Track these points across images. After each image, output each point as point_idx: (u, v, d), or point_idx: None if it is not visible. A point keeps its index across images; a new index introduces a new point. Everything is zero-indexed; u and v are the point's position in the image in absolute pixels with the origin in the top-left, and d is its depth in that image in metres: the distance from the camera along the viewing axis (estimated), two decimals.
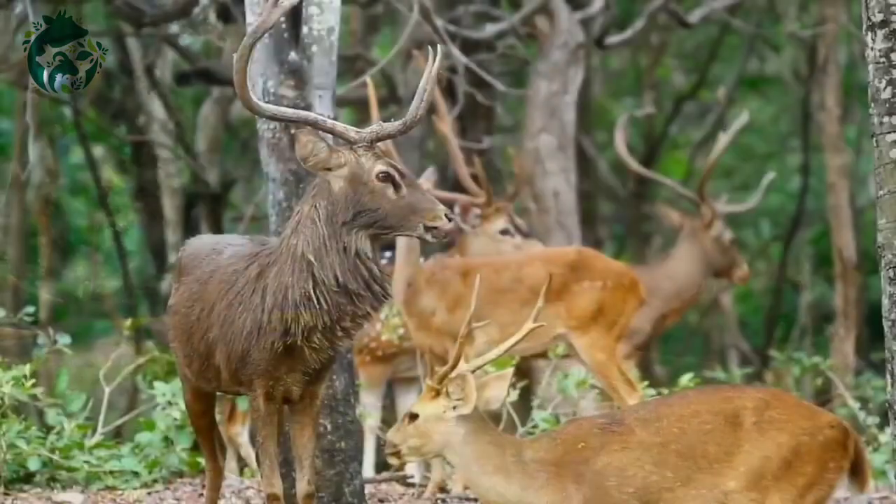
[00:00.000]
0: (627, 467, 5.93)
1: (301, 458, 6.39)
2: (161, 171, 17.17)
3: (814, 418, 5.96)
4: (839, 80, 14.52)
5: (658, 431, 5.95)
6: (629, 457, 5.94)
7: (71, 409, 9.22)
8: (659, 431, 5.95)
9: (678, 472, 5.91)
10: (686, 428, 5.93)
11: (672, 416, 5.96)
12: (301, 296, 6.15)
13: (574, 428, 6.09)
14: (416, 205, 6.17)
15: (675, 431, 5.94)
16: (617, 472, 5.93)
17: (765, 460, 5.87)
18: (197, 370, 6.52)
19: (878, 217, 5.96)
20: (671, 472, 5.92)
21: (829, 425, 5.95)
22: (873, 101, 5.93)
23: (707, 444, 5.91)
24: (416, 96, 6.18)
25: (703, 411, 5.95)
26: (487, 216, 9.97)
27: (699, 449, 5.90)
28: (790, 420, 5.91)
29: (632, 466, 5.93)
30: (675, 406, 6.01)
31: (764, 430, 5.89)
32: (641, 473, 5.92)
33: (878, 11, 5.88)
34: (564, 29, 12.31)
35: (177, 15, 12.99)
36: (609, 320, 8.95)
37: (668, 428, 5.95)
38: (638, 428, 5.97)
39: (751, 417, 5.91)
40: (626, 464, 5.93)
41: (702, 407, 5.97)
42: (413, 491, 8.98)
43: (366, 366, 10.04)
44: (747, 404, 5.94)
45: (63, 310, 20.88)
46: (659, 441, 5.93)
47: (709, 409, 5.95)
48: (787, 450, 5.88)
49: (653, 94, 18.76)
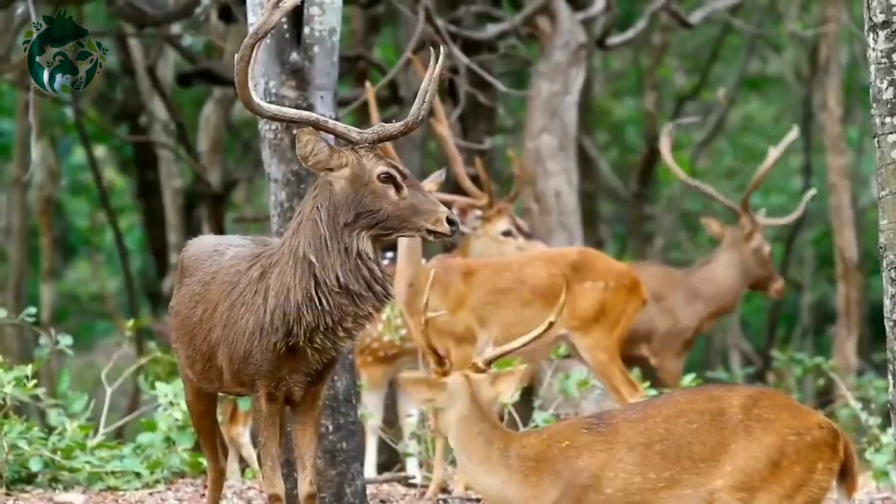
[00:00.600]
0: (608, 468, 5.93)
1: (303, 458, 6.38)
2: (162, 171, 17.18)
3: (802, 418, 5.91)
4: (840, 81, 14.52)
5: (643, 432, 5.94)
6: (612, 458, 5.94)
7: (72, 409, 9.22)
8: (644, 432, 5.94)
9: (662, 473, 5.89)
10: (672, 428, 5.91)
11: (658, 416, 5.95)
12: (303, 296, 6.15)
13: (564, 426, 6.13)
14: (418, 206, 6.17)
15: (661, 432, 5.93)
16: (597, 472, 5.93)
17: (751, 460, 5.84)
18: (199, 371, 6.52)
19: (880, 218, 5.95)
20: (654, 473, 5.90)
21: (818, 426, 5.90)
22: (875, 102, 5.93)
23: (692, 444, 5.88)
24: (418, 98, 6.18)
25: (689, 411, 5.93)
26: (489, 218, 9.97)
27: (685, 449, 5.88)
28: (777, 419, 5.87)
29: (613, 468, 5.93)
30: (661, 407, 5.99)
31: (750, 430, 5.86)
32: (623, 475, 5.92)
33: (880, 12, 5.88)
34: (566, 29, 12.31)
35: (178, 15, 12.98)
36: (611, 321, 8.95)
37: (654, 428, 5.94)
38: (624, 429, 5.96)
39: (737, 416, 5.88)
40: (608, 465, 5.93)
41: (688, 406, 5.94)
42: (415, 491, 8.98)
43: (367, 366, 10.04)
44: (734, 403, 5.91)
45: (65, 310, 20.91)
46: (643, 442, 5.92)
47: (694, 409, 5.93)
48: (774, 449, 5.84)
49: (654, 95, 18.76)
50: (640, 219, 19.35)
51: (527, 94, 12.61)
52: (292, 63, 7.47)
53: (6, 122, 19.25)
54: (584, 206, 13.35)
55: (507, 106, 16.01)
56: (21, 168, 16.71)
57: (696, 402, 5.95)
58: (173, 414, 9.00)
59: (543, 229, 11.85)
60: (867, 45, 5.94)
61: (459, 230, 9.91)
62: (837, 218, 14.23)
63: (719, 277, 11.44)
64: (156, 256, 18.48)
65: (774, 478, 5.83)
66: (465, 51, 12.18)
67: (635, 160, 20.02)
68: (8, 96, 18.53)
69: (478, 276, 8.91)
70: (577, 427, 6.05)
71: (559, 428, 6.13)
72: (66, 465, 8.70)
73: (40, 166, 17.24)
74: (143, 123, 17.66)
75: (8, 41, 12.06)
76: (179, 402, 8.91)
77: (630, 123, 21.70)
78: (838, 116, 14.32)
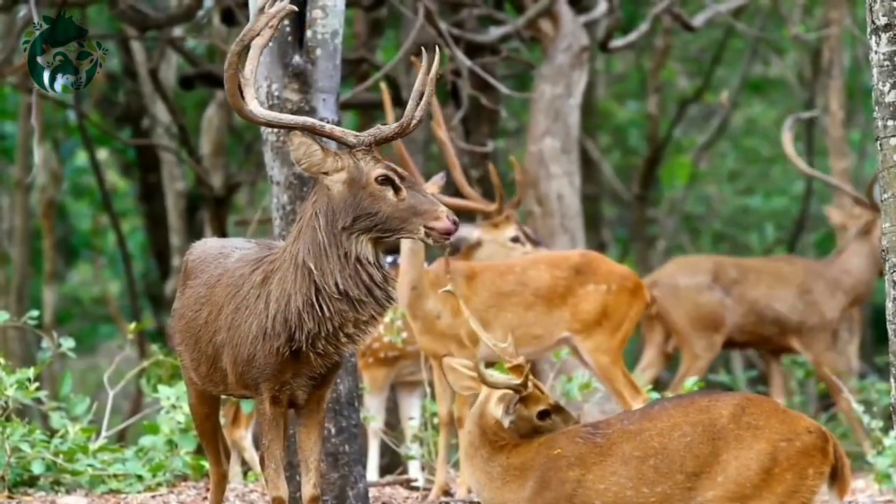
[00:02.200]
0: (599, 481, 5.91)
1: (307, 461, 6.38)
2: (165, 174, 17.19)
3: (791, 423, 5.89)
4: (843, 84, 14.53)
5: (639, 445, 5.92)
6: (604, 470, 5.92)
7: (75, 412, 9.22)
8: (640, 446, 5.92)
9: (655, 487, 5.87)
10: (666, 442, 5.90)
11: (653, 429, 5.93)
12: (304, 303, 6.14)
13: (560, 435, 6.11)
14: (417, 207, 6.14)
15: (656, 446, 5.91)
16: (587, 483, 5.92)
17: (743, 469, 5.82)
18: (204, 373, 6.52)
19: (883, 220, 5.95)
20: (647, 487, 5.89)
21: (807, 430, 5.88)
22: (877, 105, 5.93)
23: (686, 458, 5.86)
24: (412, 99, 6.17)
25: (682, 423, 5.91)
26: (498, 224, 9.96)
27: (678, 463, 5.86)
28: (767, 426, 5.85)
29: (605, 480, 5.91)
30: (656, 419, 5.96)
31: (741, 438, 5.84)
32: (615, 488, 5.90)
33: (882, 15, 5.88)
34: (568, 32, 12.31)
35: (181, 18, 12.99)
36: (613, 324, 8.94)
37: (649, 442, 5.91)
38: (620, 441, 5.95)
39: (728, 426, 5.86)
40: (599, 477, 5.92)
41: (681, 419, 5.92)
42: (417, 494, 8.98)
43: (369, 369, 10.04)
44: (723, 412, 5.88)
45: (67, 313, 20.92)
46: (638, 455, 5.91)
47: (687, 421, 5.91)
48: (766, 456, 5.82)
49: (657, 98, 18.76)
50: (643, 222, 19.35)
51: (529, 96, 12.61)
52: (295, 66, 7.46)
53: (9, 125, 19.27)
54: (586, 208, 13.35)
55: (509, 109, 16.01)
56: (23, 171, 16.73)
57: (689, 413, 5.93)
58: (176, 417, 9.00)
59: (546, 232, 11.84)
60: (869, 48, 5.94)
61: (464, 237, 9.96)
62: None
63: (854, 268, 11.79)
64: (158, 259, 18.49)
65: (766, 485, 5.80)
66: (468, 54, 12.18)
67: (638, 163, 20.02)
68: (10, 99, 18.55)
69: (481, 278, 8.90)
70: (573, 436, 6.04)
71: (555, 436, 6.12)
72: (68, 468, 8.70)
73: (43, 169, 17.25)
74: (146, 126, 17.68)
75: (10, 44, 12.06)
76: (182, 405, 8.91)
77: (632, 126, 21.70)
78: (840, 119, 14.33)
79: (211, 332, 6.41)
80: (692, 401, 6.03)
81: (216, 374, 6.46)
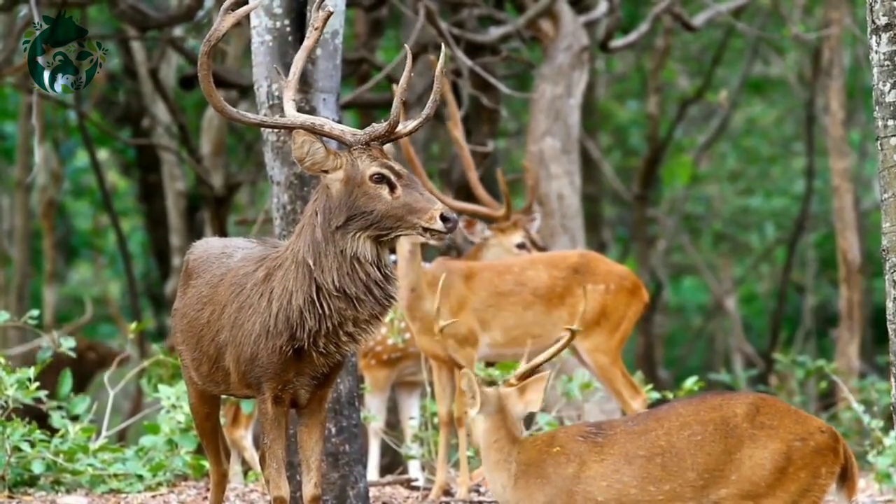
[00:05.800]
0: (601, 478, 5.94)
1: (308, 461, 6.38)
2: (165, 174, 17.19)
3: (804, 423, 5.93)
4: (843, 84, 14.52)
5: (644, 445, 5.94)
6: (606, 468, 5.95)
7: (75, 412, 9.22)
8: (645, 445, 5.94)
9: (662, 485, 5.90)
10: (675, 441, 5.92)
11: (660, 429, 5.95)
12: (304, 300, 6.15)
13: (560, 432, 6.13)
14: (413, 205, 6.14)
15: (663, 444, 5.93)
16: (589, 481, 5.94)
17: (757, 467, 5.86)
18: (205, 373, 6.52)
19: (883, 220, 5.96)
20: (654, 486, 5.91)
21: (820, 430, 5.93)
22: (877, 105, 5.93)
23: (697, 455, 5.89)
24: (396, 97, 6.17)
25: (692, 422, 5.94)
26: (505, 230, 9.96)
27: (689, 461, 5.89)
28: (781, 426, 5.89)
29: (607, 478, 5.94)
30: (664, 419, 5.99)
31: (756, 437, 5.88)
32: (618, 486, 5.92)
33: (883, 14, 5.89)
34: (569, 32, 12.31)
35: (181, 18, 12.99)
36: (612, 324, 8.94)
37: (656, 441, 5.94)
38: (622, 440, 5.97)
39: (742, 424, 5.89)
40: (601, 474, 5.94)
41: (691, 418, 5.95)
42: (417, 494, 8.98)
43: (370, 369, 10.05)
44: (737, 411, 5.92)
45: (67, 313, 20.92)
46: (643, 455, 5.93)
47: (698, 420, 5.94)
48: (780, 456, 5.86)
49: (657, 98, 18.76)
50: (643, 221, 19.35)
51: (530, 96, 12.61)
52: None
53: (9, 125, 19.29)
54: (586, 208, 13.35)
55: (510, 109, 16.01)
56: (24, 171, 16.74)
57: (699, 412, 5.95)
58: (176, 417, 9.00)
59: (546, 232, 11.84)
60: (870, 48, 5.95)
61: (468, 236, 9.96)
62: (840, 221, 14.21)
63: None
64: (158, 259, 18.51)
65: (780, 484, 5.84)
66: (468, 53, 12.18)
67: (638, 163, 20.03)
68: (11, 99, 18.56)
69: (479, 278, 8.91)
70: (574, 434, 6.07)
71: (555, 433, 6.14)
72: (68, 467, 8.70)
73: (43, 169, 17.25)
74: (146, 126, 17.68)
75: (10, 44, 12.07)
76: (182, 404, 8.91)
77: (633, 126, 21.72)
78: (841, 119, 14.32)
79: (213, 332, 6.41)
80: (703, 399, 6.07)
81: (217, 374, 6.46)
